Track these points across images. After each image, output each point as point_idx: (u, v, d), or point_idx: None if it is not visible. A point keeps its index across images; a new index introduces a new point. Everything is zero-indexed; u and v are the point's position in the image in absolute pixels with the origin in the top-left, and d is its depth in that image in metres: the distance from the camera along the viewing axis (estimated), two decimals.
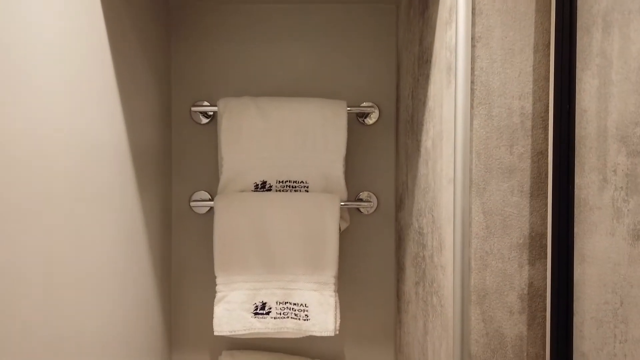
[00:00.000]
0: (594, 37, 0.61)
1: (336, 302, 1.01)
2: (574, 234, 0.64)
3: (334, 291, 1.01)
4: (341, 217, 1.04)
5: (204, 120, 1.09)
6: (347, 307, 1.10)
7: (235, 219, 1.01)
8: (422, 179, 0.86)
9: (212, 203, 1.04)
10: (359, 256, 1.11)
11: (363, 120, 1.11)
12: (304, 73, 1.10)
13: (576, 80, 0.63)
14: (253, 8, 1.08)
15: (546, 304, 0.65)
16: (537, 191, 0.65)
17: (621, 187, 0.65)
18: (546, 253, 0.66)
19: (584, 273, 0.64)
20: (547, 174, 0.65)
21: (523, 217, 0.65)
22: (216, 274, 1.01)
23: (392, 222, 1.11)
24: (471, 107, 0.65)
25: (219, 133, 1.03)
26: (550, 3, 0.65)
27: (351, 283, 1.11)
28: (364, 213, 1.11)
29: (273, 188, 1.04)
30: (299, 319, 1.00)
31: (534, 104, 0.65)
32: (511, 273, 0.65)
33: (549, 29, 0.65)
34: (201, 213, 1.10)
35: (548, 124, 0.65)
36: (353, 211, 1.11)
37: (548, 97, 0.65)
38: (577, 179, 0.65)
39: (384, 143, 1.11)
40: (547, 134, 0.65)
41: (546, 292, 0.65)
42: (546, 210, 0.66)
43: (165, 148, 1.06)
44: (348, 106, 1.04)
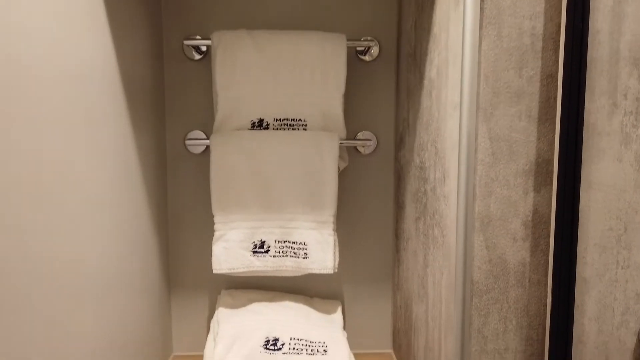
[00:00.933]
0: None
1: (335, 241, 1.01)
2: (581, 160, 0.63)
3: (333, 230, 1.00)
4: (340, 157, 1.02)
5: (197, 56, 1.05)
6: (346, 247, 1.10)
7: (232, 158, 0.99)
8: (425, 112, 0.84)
9: (208, 142, 1.02)
10: (358, 196, 1.10)
11: (363, 56, 1.07)
12: (301, 5, 1.05)
13: None
14: None
15: (550, 231, 0.65)
16: (545, 116, 0.64)
17: (631, 112, 0.63)
18: (552, 179, 0.65)
19: (590, 199, 0.64)
20: (556, 98, 0.63)
21: (530, 143, 0.64)
22: (214, 213, 0.99)
23: (391, 162, 1.10)
24: (480, 28, 0.62)
25: (213, 68, 0.99)
26: None
27: (349, 223, 1.10)
28: (363, 153, 1.09)
29: (270, 126, 1.02)
30: (298, 257, 1.00)
31: (546, 24, 0.62)
32: (516, 200, 0.64)
33: None
34: (196, 153, 1.07)
35: (559, 46, 0.63)
36: (352, 151, 1.09)
37: (560, 17, 0.62)
38: (587, 104, 0.63)
39: (384, 81, 1.08)
40: (558, 57, 0.63)
41: (550, 219, 0.65)
42: (554, 135, 0.64)
43: (157, 85, 1.02)
44: (347, 40, 1.01)
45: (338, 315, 1.07)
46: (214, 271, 0.99)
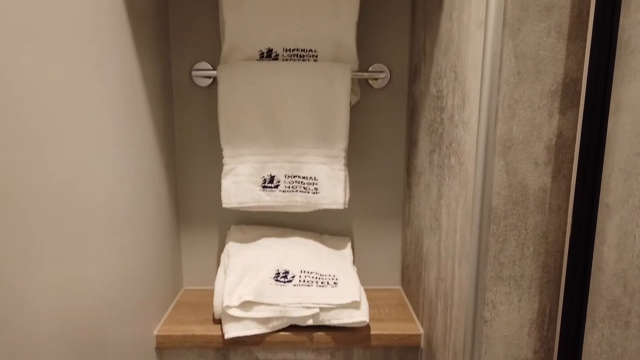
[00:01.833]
0: None
1: (346, 176, 0.99)
2: (612, 80, 0.59)
3: (344, 165, 0.98)
4: (352, 90, 0.99)
5: None
6: (356, 183, 1.08)
7: (240, 90, 0.96)
8: (444, 36, 0.80)
9: (215, 73, 0.98)
10: (369, 132, 1.07)
11: None
12: None
13: None
14: None
15: (574, 155, 0.63)
16: (576, 32, 0.60)
17: None
18: (579, 101, 0.61)
19: (618, 122, 0.61)
20: (589, 13, 0.59)
21: (558, 62, 0.60)
22: (222, 147, 0.97)
23: (405, 96, 1.06)
24: None
25: None
26: None
27: (360, 159, 1.08)
28: (375, 87, 1.06)
29: (280, 57, 0.98)
30: (308, 192, 0.99)
31: None
32: (540, 122, 0.62)
33: None
34: (203, 86, 1.04)
35: None
36: (364, 85, 1.05)
37: None
38: (622, 19, 0.59)
39: (399, 8, 1.03)
40: None
41: (575, 143, 0.62)
42: (583, 54, 0.60)
43: (162, 14, 0.98)
44: None
45: (348, 250, 1.07)
46: (224, 205, 0.98)
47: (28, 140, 0.53)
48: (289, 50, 0.97)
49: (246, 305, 0.90)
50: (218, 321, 0.95)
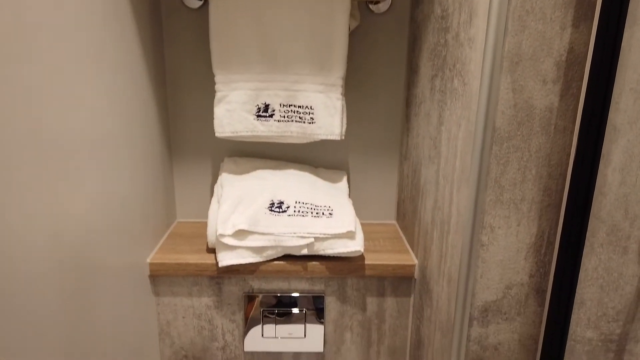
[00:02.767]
0: None
1: (343, 106, 0.96)
2: None
3: (341, 94, 0.95)
4: (351, 15, 0.94)
5: None
6: (353, 115, 1.05)
7: (233, 12, 0.90)
8: None
9: None
10: (368, 60, 1.03)
11: None
12: None
13: None
14: None
15: (584, 73, 0.59)
16: None
17: None
18: (594, 13, 0.58)
19: (632, 37, 0.57)
20: None
21: None
22: (215, 73, 0.93)
23: (406, 22, 1.01)
24: None
25: None
26: None
27: (358, 89, 1.04)
28: (376, 12, 1.00)
29: None
30: (304, 122, 0.96)
31: None
32: (551, 36, 0.58)
33: None
34: (194, 7, 0.98)
35: None
36: (364, 9, 1.00)
37: None
38: None
39: None
40: None
41: (586, 60, 0.59)
42: None
43: None
44: None
45: (343, 184, 1.05)
46: (217, 134, 0.95)
47: (10, 66, 0.49)
48: None
49: (240, 234, 0.89)
50: (212, 250, 0.95)
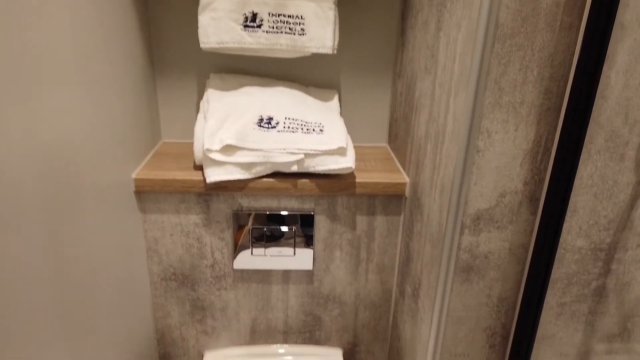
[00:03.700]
0: None
1: (335, 17, 0.90)
2: None
3: (334, 3, 0.89)
4: None
5: None
6: (346, 29, 1.00)
7: None
8: None
9: None
10: None
11: None
12: None
13: None
14: None
15: None
16: None
17: None
18: None
19: None
20: None
21: None
22: None
23: None
24: None
25: None
26: None
27: (351, 1, 0.99)
28: None
29: None
30: (294, 34, 0.91)
31: None
32: None
33: None
34: None
35: None
36: None
37: None
38: None
39: None
40: None
41: None
42: None
43: None
44: None
45: (335, 102, 1.02)
46: (202, 45, 0.90)
47: None
48: None
49: (228, 149, 0.86)
50: (199, 168, 0.92)
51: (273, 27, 0.90)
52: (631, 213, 0.68)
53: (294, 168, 0.89)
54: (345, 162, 0.88)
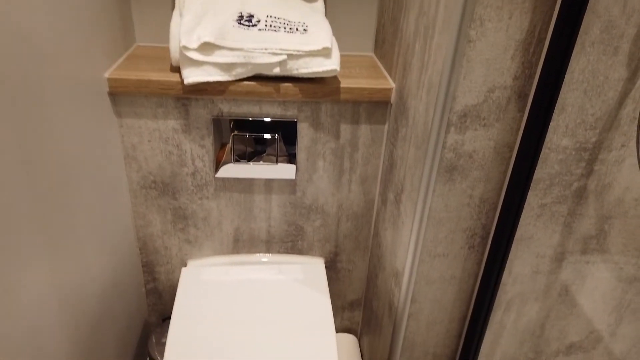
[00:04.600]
0: None
1: None
2: None
3: None
4: None
5: None
6: None
7: None
8: None
9: None
10: None
11: None
12: None
13: None
14: None
15: None
16: None
17: None
18: None
19: None
20: None
21: None
22: None
23: None
24: None
25: None
26: None
27: None
28: None
29: None
30: None
31: None
32: None
33: None
34: None
35: None
36: None
37: None
38: None
39: None
40: None
41: None
42: None
43: None
44: None
45: (320, 3, 0.96)
46: None
47: None
48: None
49: (206, 48, 0.81)
50: (176, 70, 0.88)
51: None
52: (619, 111, 0.67)
53: (276, 70, 0.85)
54: (330, 64, 0.84)
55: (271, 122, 0.93)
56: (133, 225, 1.02)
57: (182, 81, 0.83)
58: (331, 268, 1.13)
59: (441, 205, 0.74)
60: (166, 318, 1.16)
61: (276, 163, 0.97)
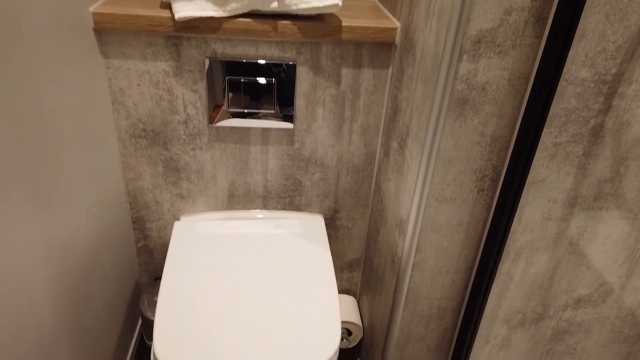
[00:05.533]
0: None
1: None
2: None
3: None
4: None
5: None
6: None
7: None
8: None
9: None
10: None
11: None
12: None
13: None
14: None
15: None
16: None
17: None
18: None
19: None
20: None
21: None
22: None
23: None
24: None
25: None
26: None
27: None
28: None
29: None
30: None
31: None
32: None
33: None
34: None
35: None
36: None
37: None
38: None
39: None
40: None
41: None
42: None
43: None
44: None
45: None
46: None
47: None
48: None
49: None
50: (167, 6, 0.82)
51: None
52: None
53: (274, 5, 0.79)
54: None
55: (268, 65, 0.88)
56: (122, 177, 0.97)
57: (173, 17, 0.78)
58: (330, 226, 1.09)
59: (451, 143, 0.70)
60: (158, 278, 1.12)
61: (273, 110, 0.92)
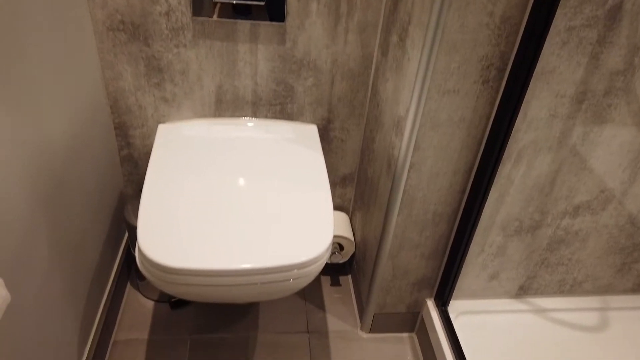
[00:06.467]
0: None
1: None
2: None
3: None
4: None
5: None
6: None
7: None
8: None
9: None
10: None
11: None
12: None
13: None
14: None
15: None
16: None
17: None
18: None
19: None
20: None
21: None
22: None
23: None
24: None
25: None
26: None
27: None
28: None
29: None
30: None
31: None
32: None
33: None
34: None
35: None
36: None
37: None
38: None
39: None
40: None
41: None
42: None
43: None
44: None
45: None
46: None
47: None
48: None
49: None
50: None
51: None
52: None
53: None
54: None
55: None
56: (101, 77, 0.90)
57: None
58: (324, 138, 1.05)
59: (457, 24, 0.64)
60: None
61: (263, 2, 0.85)
